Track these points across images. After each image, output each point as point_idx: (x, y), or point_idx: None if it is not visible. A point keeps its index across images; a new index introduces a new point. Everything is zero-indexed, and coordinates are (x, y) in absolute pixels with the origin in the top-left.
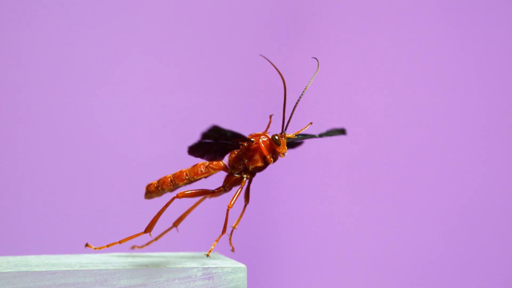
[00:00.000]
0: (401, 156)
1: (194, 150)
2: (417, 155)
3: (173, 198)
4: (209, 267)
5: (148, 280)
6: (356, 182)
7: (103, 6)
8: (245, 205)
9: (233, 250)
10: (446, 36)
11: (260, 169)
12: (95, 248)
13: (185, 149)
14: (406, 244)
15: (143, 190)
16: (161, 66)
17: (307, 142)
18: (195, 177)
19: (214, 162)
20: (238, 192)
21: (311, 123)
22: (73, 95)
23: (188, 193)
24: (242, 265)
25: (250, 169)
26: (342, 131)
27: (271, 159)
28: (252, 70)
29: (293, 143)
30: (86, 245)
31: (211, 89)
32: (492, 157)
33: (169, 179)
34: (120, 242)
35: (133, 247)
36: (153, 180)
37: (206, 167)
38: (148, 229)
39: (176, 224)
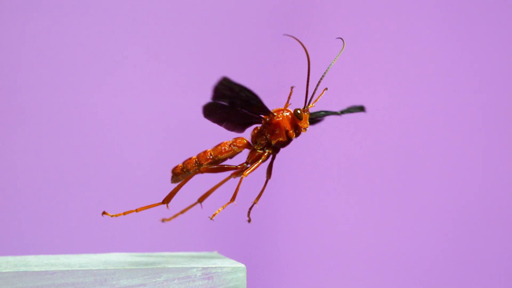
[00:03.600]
0: (401, 156)
1: (209, 112)
2: (417, 154)
3: (195, 172)
4: (209, 267)
5: (148, 280)
6: (356, 182)
7: (104, 6)
8: (266, 181)
9: (249, 220)
10: (447, 36)
11: (283, 144)
12: (111, 216)
13: (186, 150)
14: (407, 244)
15: (170, 174)
16: (161, 66)
17: (305, 142)
18: (219, 155)
19: (238, 140)
20: (257, 164)
21: (326, 89)
22: (74, 94)
23: (210, 168)
24: (242, 265)
25: (273, 144)
26: (361, 108)
27: (293, 133)
28: (252, 71)
29: (313, 120)
30: (103, 213)
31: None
32: (492, 157)
33: (194, 160)
34: (137, 210)
35: (163, 220)
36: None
37: (230, 145)
38: (166, 200)
39: (201, 200)
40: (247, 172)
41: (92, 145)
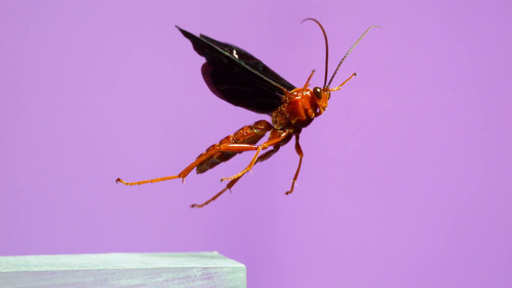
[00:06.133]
0: (401, 156)
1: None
2: (417, 155)
3: (216, 149)
4: (209, 267)
5: (148, 280)
6: (356, 182)
7: (105, 6)
8: (301, 158)
9: (290, 191)
10: (447, 36)
11: (303, 123)
12: (126, 183)
13: (187, 151)
14: (406, 244)
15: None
16: (163, 66)
17: (305, 142)
18: (241, 139)
19: (259, 122)
20: (276, 140)
21: (355, 74)
22: (74, 95)
23: (231, 147)
24: (242, 265)
25: (293, 123)
26: None
27: (313, 112)
28: None
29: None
30: (118, 179)
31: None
32: (492, 157)
33: (216, 147)
34: (152, 181)
35: (192, 206)
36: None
37: (251, 128)
38: (183, 174)
39: (230, 185)
40: (266, 144)
41: (93, 145)
